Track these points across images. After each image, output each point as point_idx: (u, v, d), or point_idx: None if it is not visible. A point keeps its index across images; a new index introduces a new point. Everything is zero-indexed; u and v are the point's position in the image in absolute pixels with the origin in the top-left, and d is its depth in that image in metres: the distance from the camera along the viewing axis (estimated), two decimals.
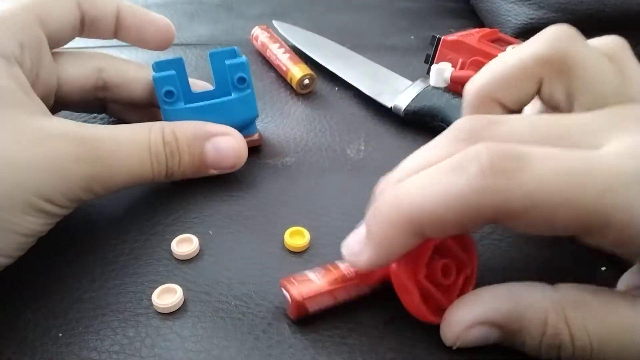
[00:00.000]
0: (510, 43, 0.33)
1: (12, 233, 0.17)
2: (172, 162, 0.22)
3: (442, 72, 0.31)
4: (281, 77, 0.34)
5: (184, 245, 0.20)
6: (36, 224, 0.18)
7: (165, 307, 0.18)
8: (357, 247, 0.17)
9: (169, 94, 0.23)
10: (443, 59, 0.33)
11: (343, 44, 0.37)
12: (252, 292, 0.19)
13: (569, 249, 0.22)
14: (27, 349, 0.17)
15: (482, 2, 0.43)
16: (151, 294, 0.18)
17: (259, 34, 0.36)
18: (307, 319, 0.18)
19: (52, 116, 0.20)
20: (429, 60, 0.33)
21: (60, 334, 0.17)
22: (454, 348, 0.17)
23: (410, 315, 0.17)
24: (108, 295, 0.19)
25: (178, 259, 0.20)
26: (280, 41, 0.35)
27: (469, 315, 0.16)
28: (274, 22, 0.38)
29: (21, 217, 0.17)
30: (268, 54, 0.34)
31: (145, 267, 0.20)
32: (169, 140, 0.21)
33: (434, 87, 0.29)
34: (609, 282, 0.18)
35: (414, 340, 0.18)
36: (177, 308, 0.18)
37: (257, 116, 0.25)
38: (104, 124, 0.28)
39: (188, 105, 0.23)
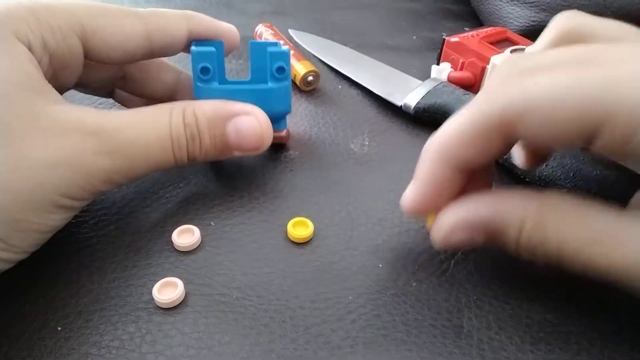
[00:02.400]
0: (517, 43, 0.33)
1: (33, 232, 0.17)
2: (192, 146, 0.21)
3: (441, 72, 0.32)
4: None
5: (185, 236, 0.20)
6: (56, 220, 0.18)
7: (166, 302, 0.18)
8: (406, 193, 0.18)
9: (204, 70, 0.21)
10: (447, 59, 0.33)
11: (345, 44, 0.37)
12: (254, 284, 0.19)
13: None
14: (24, 343, 0.17)
15: (484, 4, 0.43)
16: (151, 287, 0.18)
17: (263, 31, 0.36)
18: (308, 313, 0.18)
19: (70, 104, 0.19)
20: (438, 60, 0.34)
21: (59, 328, 0.17)
22: (442, 250, 0.18)
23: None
24: (108, 289, 0.19)
25: (179, 251, 0.20)
26: (284, 38, 0.35)
27: (453, 219, 0.18)
28: (290, 31, 0.38)
29: (43, 215, 0.17)
30: None
31: (146, 260, 0.20)
32: (189, 121, 0.20)
33: (445, 85, 0.29)
34: None
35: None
36: (178, 302, 0.18)
37: (289, 112, 0.24)
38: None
39: (222, 86, 0.22)
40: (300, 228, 0.21)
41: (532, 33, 0.38)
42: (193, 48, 0.21)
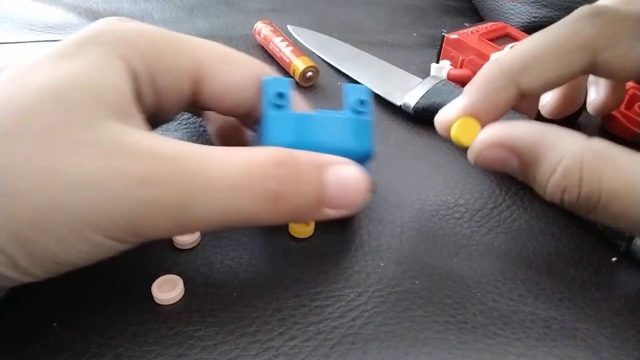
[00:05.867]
0: (518, 39, 0.33)
1: (46, 259, 0.14)
2: (287, 191, 0.16)
3: (440, 70, 0.32)
4: (284, 69, 0.33)
5: None
6: (78, 256, 0.14)
7: (166, 299, 0.18)
8: (452, 104, 0.19)
9: (280, 95, 0.18)
10: (447, 56, 0.33)
11: (345, 41, 0.37)
12: (254, 281, 0.19)
13: (580, 239, 0.22)
14: (19, 338, 0.16)
15: (485, 0, 0.43)
16: (151, 284, 0.18)
17: (262, 28, 0.35)
18: (309, 310, 0.18)
19: (150, 132, 0.16)
20: (438, 57, 0.34)
21: (55, 324, 0.17)
22: (473, 165, 0.18)
23: None
24: (107, 286, 0.18)
25: (179, 248, 0.20)
26: (283, 35, 0.35)
27: (494, 135, 0.17)
28: (289, 27, 0.38)
29: (61, 244, 0.14)
30: (271, 47, 0.34)
31: (145, 257, 0.19)
32: (284, 159, 0.16)
33: (444, 84, 0.29)
34: (619, 273, 0.17)
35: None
36: (178, 300, 0.18)
37: (372, 155, 0.20)
38: None
39: (297, 112, 0.19)
40: (301, 224, 0.21)
41: (533, 29, 0.38)
42: (266, 77, 0.19)
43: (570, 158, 0.16)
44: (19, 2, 0.40)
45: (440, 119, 0.20)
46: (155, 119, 0.19)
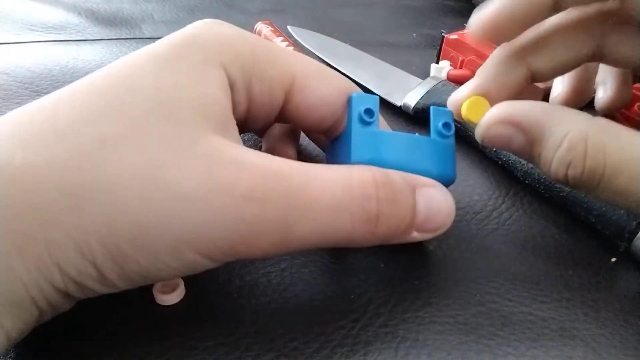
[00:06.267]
0: None
1: (133, 271, 0.14)
2: (385, 213, 0.16)
3: (440, 70, 0.32)
4: None
5: None
6: (165, 269, 0.14)
7: (167, 300, 0.18)
8: (464, 85, 0.19)
9: (368, 112, 0.18)
10: (446, 56, 0.33)
11: (344, 41, 0.37)
12: (254, 283, 0.19)
13: (579, 240, 0.22)
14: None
15: (485, 0, 0.43)
16: (152, 285, 0.18)
17: (262, 28, 0.36)
18: (309, 312, 0.18)
19: (247, 148, 0.15)
20: (438, 58, 0.34)
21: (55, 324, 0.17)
22: (481, 143, 0.18)
23: None
24: None
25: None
26: (284, 35, 0.35)
27: (500, 112, 0.17)
28: (289, 28, 0.38)
29: (149, 256, 0.14)
30: None
31: None
32: (383, 180, 0.16)
33: (444, 85, 0.29)
34: (619, 273, 0.18)
35: None
36: (179, 300, 0.18)
37: (453, 180, 0.19)
38: None
39: (384, 130, 0.19)
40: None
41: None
42: (353, 93, 0.19)
43: (575, 132, 0.16)
44: (19, 3, 0.40)
45: (452, 99, 0.20)
46: (243, 128, 0.18)
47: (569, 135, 0.16)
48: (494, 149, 0.25)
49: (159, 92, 0.15)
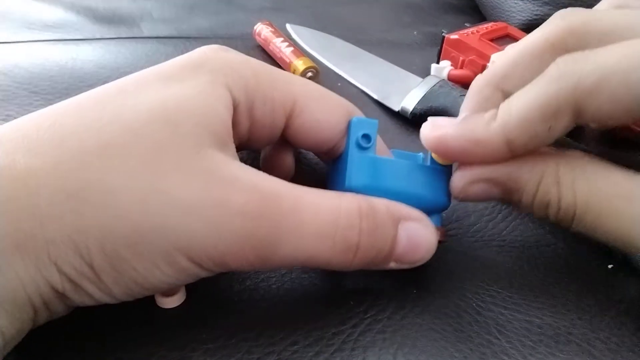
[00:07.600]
0: (518, 39, 0.33)
1: (129, 279, 0.14)
2: (365, 244, 0.16)
3: (440, 70, 0.31)
4: (284, 70, 0.33)
5: None
6: (161, 279, 0.15)
7: (168, 303, 0.18)
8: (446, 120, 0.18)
9: (365, 137, 0.18)
10: (447, 56, 0.33)
11: (345, 39, 0.36)
12: (255, 286, 0.19)
13: (576, 247, 0.22)
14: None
15: None
16: None
17: (262, 29, 0.35)
18: (310, 317, 0.18)
19: (244, 165, 0.16)
20: (438, 58, 0.34)
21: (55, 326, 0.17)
22: (458, 200, 0.19)
23: None
24: None
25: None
26: (283, 35, 0.35)
27: (472, 172, 0.18)
28: (288, 26, 0.38)
29: (146, 264, 0.14)
30: (271, 47, 0.34)
31: None
32: (367, 212, 0.16)
33: (441, 85, 0.29)
34: (616, 280, 0.18)
35: None
36: (179, 303, 0.18)
37: (447, 208, 0.20)
38: None
39: (380, 157, 0.19)
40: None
41: (534, 27, 0.37)
42: (354, 117, 0.19)
43: (548, 177, 0.17)
44: (17, 1, 0.39)
45: (429, 136, 0.19)
46: (245, 147, 0.19)
47: (543, 181, 0.17)
48: None
49: (164, 103, 0.15)
